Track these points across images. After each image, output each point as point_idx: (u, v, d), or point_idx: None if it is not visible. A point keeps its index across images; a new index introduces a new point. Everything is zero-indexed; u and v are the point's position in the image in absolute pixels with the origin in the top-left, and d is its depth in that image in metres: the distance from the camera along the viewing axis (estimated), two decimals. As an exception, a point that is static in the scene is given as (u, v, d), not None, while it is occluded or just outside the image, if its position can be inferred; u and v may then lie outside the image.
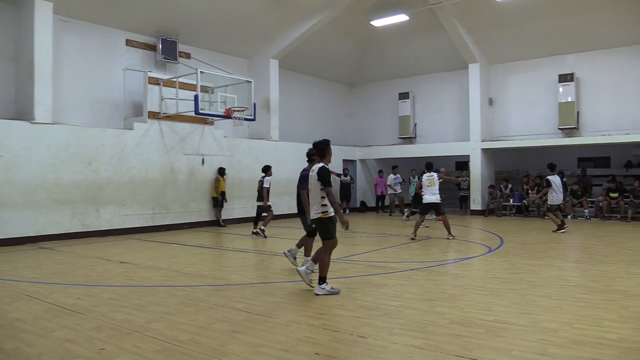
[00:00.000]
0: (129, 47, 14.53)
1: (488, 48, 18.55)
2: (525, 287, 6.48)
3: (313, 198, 6.17)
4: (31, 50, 11.72)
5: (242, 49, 17.59)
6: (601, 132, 16.56)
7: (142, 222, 13.65)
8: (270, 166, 13.00)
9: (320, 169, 6.06)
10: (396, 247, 10.49)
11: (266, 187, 12.47)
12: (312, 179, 6.13)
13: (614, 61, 16.68)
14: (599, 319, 4.97)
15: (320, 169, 6.06)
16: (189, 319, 5.12)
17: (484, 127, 18.77)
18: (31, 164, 11.52)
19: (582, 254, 9.69)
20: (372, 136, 22.21)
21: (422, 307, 5.55)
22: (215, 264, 9.23)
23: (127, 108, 14.34)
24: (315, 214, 6.14)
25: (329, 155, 6.23)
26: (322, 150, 6.22)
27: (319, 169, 6.07)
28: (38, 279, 7.38)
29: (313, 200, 6.17)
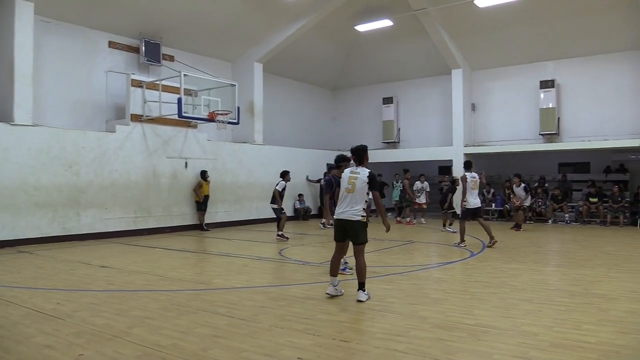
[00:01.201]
0: (112, 49, 14.39)
1: (471, 54, 18.74)
2: (506, 291, 6.54)
3: (353, 201, 6.06)
4: (11, 51, 11.54)
5: (226, 52, 17.55)
6: (581, 138, 16.81)
7: (124, 226, 13.50)
8: (287, 171, 12.86)
9: (372, 174, 6.10)
10: (379, 251, 10.51)
11: (276, 189, 12.33)
12: (358, 182, 6.04)
13: (594, 68, 16.96)
14: (578, 322, 5.04)
15: (372, 174, 6.10)
16: (171, 324, 5.08)
17: (467, 132, 18.94)
18: (10, 167, 11.33)
19: (563, 258, 9.81)
20: (356, 140, 21.76)
21: (405, 311, 5.57)
22: (198, 268, 9.17)
23: (109, 110, 14.19)
24: (350, 217, 6.05)
25: (367, 160, 6.28)
26: (360, 156, 6.23)
27: (370, 173, 6.09)
28: (16, 284, 7.25)
29: (351, 203, 6.06)
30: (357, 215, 6.02)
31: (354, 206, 6.04)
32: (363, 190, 6.02)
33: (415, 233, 14.08)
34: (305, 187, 19.53)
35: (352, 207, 6.04)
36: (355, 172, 6.13)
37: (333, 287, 6.16)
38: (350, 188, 6.05)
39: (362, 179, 6.03)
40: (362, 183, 6.01)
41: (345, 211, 6.07)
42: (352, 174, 6.13)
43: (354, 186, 6.03)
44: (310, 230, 14.08)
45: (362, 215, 6.03)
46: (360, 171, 6.11)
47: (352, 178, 6.08)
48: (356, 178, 6.05)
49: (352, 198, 6.04)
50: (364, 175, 6.04)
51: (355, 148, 6.29)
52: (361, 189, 6.02)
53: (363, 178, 6.03)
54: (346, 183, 6.12)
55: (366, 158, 6.26)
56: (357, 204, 6.03)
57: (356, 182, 6.03)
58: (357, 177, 6.05)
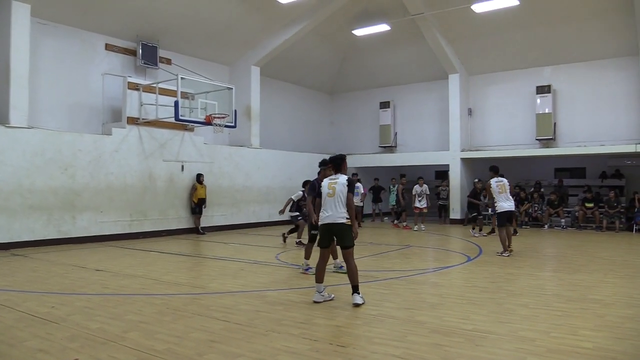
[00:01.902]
0: (109, 52, 14.37)
1: (468, 59, 18.78)
2: (503, 296, 6.53)
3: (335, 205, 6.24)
4: (7, 53, 11.50)
5: (224, 55, 17.54)
6: (577, 143, 16.85)
7: (119, 229, 13.44)
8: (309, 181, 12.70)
9: (349, 179, 6.38)
10: (376, 255, 10.49)
11: (291, 198, 11.94)
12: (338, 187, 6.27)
13: (591, 73, 17.02)
14: (575, 327, 5.03)
15: (349, 179, 6.38)
16: (166, 328, 5.04)
17: (464, 137, 18.96)
18: (5, 169, 11.27)
19: (559, 263, 9.81)
20: (353, 145, 22.25)
21: (402, 316, 5.55)
22: (194, 272, 9.13)
23: (105, 113, 14.15)
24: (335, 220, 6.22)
25: (345, 168, 6.55)
26: (338, 164, 6.52)
27: (348, 178, 6.38)
28: (10, 287, 7.20)
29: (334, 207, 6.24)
30: (342, 217, 6.20)
31: (337, 209, 6.22)
32: (343, 194, 6.23)
33: (412, 237, 14.07)
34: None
35: (335, 211, 6.22)
36: (334, 179, 6.41)
37: (319, 294, 6.20)
38: (331, 192, 6.27)
39: (342, 182, 6.28)
40: (342, 187, 6.24)
41: (329, 215, 6.25)
42: (331, 181, 6.40)
43: (334, 190, 6.25)
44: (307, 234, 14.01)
45: (346, 217, 6.20)
46: (338, 177, 6.39)
47: (332, 184, 6.34)
48: (335, 183, 6.30)
49: (334, 202, 6.24)
50: (343, 180, 6.32)
51: (334, 157, 6.63)
52: (341, 193, 6.23)
53: (342, 182, 6.29)
54: (327, 189, 6.36)
55: (344, 167, 6.54)
56: (340, 207, 6.22)
57: (336, 187, 6.26)
58: (337, 182, 6.31)
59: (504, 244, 10.27)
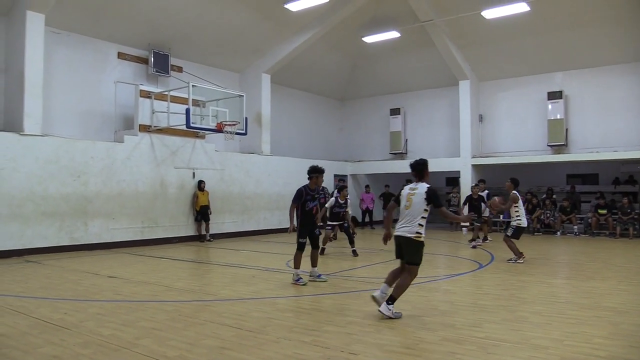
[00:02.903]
0: (121, 60, 14.51)
1: (478, 65, 18.74)
2: (515, 304, 6.48)
3: (409, 218, 5.87)
4: (22, 62, 11.66)
5: (234, 63, 17.65)
6: (589, 149, 16.72)
7: (131, 236, 13.53)
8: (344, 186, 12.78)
9: (430, 189, 5.88)
10: (386, 262, 10.45)
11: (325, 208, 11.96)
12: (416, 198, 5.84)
13: (602, 79, 16.91)
14: (589, 335, 4.97)
15: (430, 189, 5.88)
16: (178, 335, 5.06)
17: (474, 143, 18.89)
18: (19, 176, 11.40)
19: (572, 270, 9.72)
20: (363, 151, 22.26)
21: (414, 323, 5.52)
22: (205, 279, 9.15)
23: (118, 121, 14.28)
24: (405, 233, 5.88)
25: (427, 175, 6.06)
26: (420, 171, 6.04)
27: (429, 188, 5.88)
28: (24, 294, 7.27)
29: (407, 220, 5.87)
30: (412, 233, 5.81)
31: (409, 223, 5.85)
32: (421, 206, 5.80)
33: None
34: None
35: (407, 224, 5.86)
36: (413, 188, 5.96)
37: (380, 292, 5.92)
38: (408, 204, 5.87)
39: (420, 194, 5.84)
40: (420, 198, 5.81)
41: (401, 227, 5.91)
42: (410, 191, 5.95)
43: (412, 202, 5.85)
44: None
45: (416, 233, 5.80)
46: (418, 187, 5.92)
47: (411, 194, 5.91)
48: (414, 194, 5.88)
49: (409, 215, 5.86)
50: (422, 190, 5.86)
51: (415, 163, 6.10)
52: (418, 205, 5.81)
53: (421, 193, 5.83)
54: (405, 200, 5.94)
55: (426, 173, 6.04)
56: (412, 221, 5.83)
57: (414, 198, 5.85)
58: (415, 193, 5.88)
59: (516, 251, 10.27)
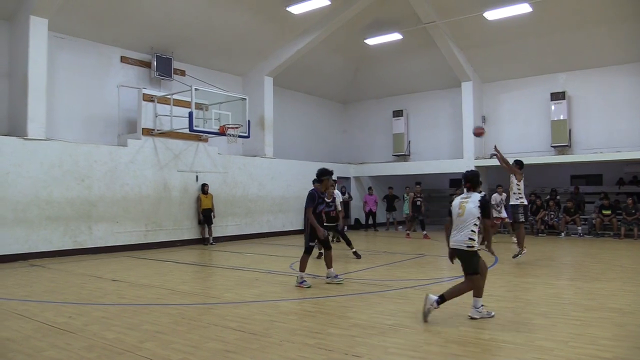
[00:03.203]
0: (124, 64, 14.57)
1: (481, 66, 18.74)
2: (520, 305, 6.46)
3: (461, 228, 5.81)
4: (25, 66, 11.72)
5: (237, 66, 17.68)
6: (593, 150, 16.68)
7: (134, 240, 13.55)
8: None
9: (484, 198, 5.86)
10: (390, 264, 10.45)
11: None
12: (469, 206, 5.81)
13: (605, 79, 16.89)
14: (594, 337, 4.95)
15: (484, 198, 5.86)
16: (182, 338, 5.06)
17: (478, 144, 18.86)
18: (23, 181, 11.44)
19: (576, 272, 9.68)
20: (366, 153, 22.27)
21: (418, 325, 5.51)
22: (209, 282, 9.15)
23: (121, 125, 14.32)
24: (457, 245, 5.83)
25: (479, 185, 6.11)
26: (475, 182, 6.07)
27: (482, 197, 5.87)
28: (28, 297, 7.28)
29: (460, 230, 5.81)
30: (464, 244, 5.76)
31: (461, 234, 5.80)
32: (473, 214, 5.76)
33: (427, 246, 13.98)
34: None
35: (459, 234, 5.81)
36: (466, 197, 5.96)
37: (475, 309, 5.83)
38: (461, 212, 5.85)
39: (474, 201, 5.83)
40: (473, 206, 5.79)
41: (454, 238, 5.88)
42: (462, 200, 5.95)
43: (464, 210, 5.82)
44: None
45: (468, 244, 5.74)
46: (471, 196, 5.93)
47: (463, 202, 5.90)
48: (467, 202, 5.87)
49: (461, 224, 5.82)
50: (475, 198, 5.85)
51: (470, 173, 6.15)
52: (471, 213, 5.77)
53: (474, 201, 5.83)
54: (457, 208, 5.92)
55: (471, 187, 6.06)
56: (464, 230, 5.78)
57: (467, 206, 5.83)
58: (468, 201, 5.86)
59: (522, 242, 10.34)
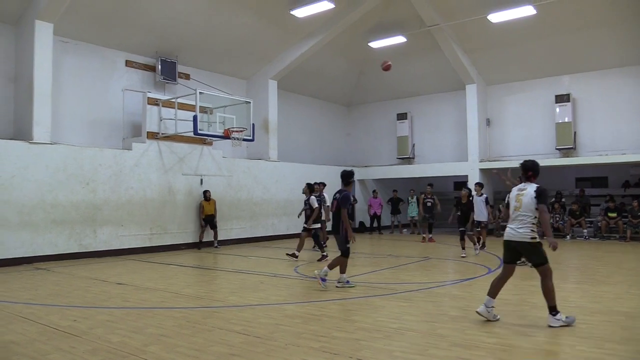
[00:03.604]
0: (129, 68, 14.61)
1: (485, 69, 18.71)
2: (526, 309, 6.43)
3: (520, 220, 5.72)
4: (31, 71, 11.76)
5: (241, 69, 17.71)
6: (598, 152, 16.61)
7: (139, 243, 13.57)
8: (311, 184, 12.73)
9: (540, 188, 5.72)
10: (395, 267, 10.42)
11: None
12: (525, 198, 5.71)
13: (610, 82, 16.82)
14: (601, 340, 4.92)
15: (540, 188, 5.72)
16: (186, 342, 5.06)
17: (482, 147, 18.83)
18: (29, 185, 11.48)
19: (582, 275, 9.63)
20: (370, 156, 22.25)
21: (423, 329, 5.49)
22: (213, 285, 9.15)
23: (126, 128, 14.36)
24: (518, 238, 5.71)
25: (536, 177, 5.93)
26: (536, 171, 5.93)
27: (539, 187, 5.74)
28: (33, 301, 7.30)
29: (519, 222, 5.72)
30: (526, 236, 5.65)
31: (521, 226, 5.69)
32: (531, 206, 5.66)
33: (432, 249, 13.94)
34: (319, 203, 19.46)
35: (519, 227, 5.71)
36: (522, 189, 5.86)
37: (485, 307, 5.77)
38: (518, 205, 5.77)
39: (530, 193, 5.71)
40: (530, 198, 5.68)
41: (512, 231, 5.77)
42: (519, 192, 5.86)
43: (521, 203, 5.74)
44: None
45: (531, 235, 5.63)
46: (528, 187, 5.82)
47: (520, 195, 5.81)
48: (523, 194, 5.77)
49: (520, 216, 5.73)
50: (531, 190, 5.74)
51: (531, 163, 5.97)
52: (529, 205, 5.67)
53: (531, 193, 5.71)
54: (514, 201, 5.85)
55: (532, 176, 5.91)
56: (524, 223, 5.68)
57: (523, 199, 5.74)
58: (524, 193, 5.77)
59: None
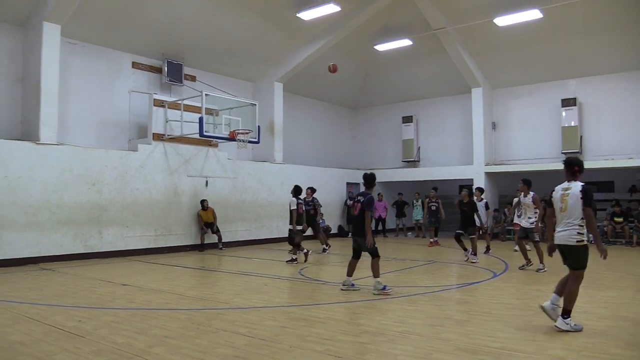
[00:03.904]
0: (135, 70, 14.67)
1: (491, 72, 18.68)
2: (531, 314, 6.39)
3: (566, 222, 5.53)
4: (38, 72, 11.83)
5: (247, 72, 17.75)
6: (605, 157, 16.55)
7: (144, 244, 13.60)
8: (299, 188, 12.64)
9: (585, 187, 5.51)
10: (399, 271, 10.40)
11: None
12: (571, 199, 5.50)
13: (616, 86, 16.77)
14: (606, 346, 4.90)
15: (585, 187, 5.51)
16: (191, 344, 5.06)
17: (488, 150, 18.79)
18: (35, 185, 11.53)
19: (588, 280, 9.50)
20: (375, 159, 22.22)
21: (427, 333, 5.48)
22: (218, 287, 9.15)
23: (132, 129, 14.42)
24: (565, 241, 5.55)
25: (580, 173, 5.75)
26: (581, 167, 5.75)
27: (584, 186, 5.53)
28: (39, 301, 7.32)
29: (565, 225, 5.53)
30: (572, 239, 5.48)
31: (568, 228, 5.51)
32: (577, 207, 5.44)
33: (437, 253, 13.91)
34: (325, 206, 19.46)
35: (565, 229, 5.52)
36: (567, 188, 5.62)
37: (551, 304, 5.63)
38: (563, 207, 5.55)
39: (575, 194, 5.48)
40: (575, 199, 5.46)
41: (560, 233, 5.59)
42: (563, 192, 5.63)
43: (566, 204, 5.51)
44: (329, 249, 14.00)
45: (577, 238, 5.47)
46: (572, 186, 5.59)
47: (564, 195, 5.58)
48: (568, 194, 5.54)
49: (566, 218, 5.52)
50: (576, 190, 5.51)
51: (576, 159, 5.79)
52: (575, 206, 5.46)
53: (576, 193, 5.48)
54: (559, 202, 5.62)
55: (578, 171, 5.72)
56: (571, 225, 5.49)
57: (568, 199, 5.51)
58: (569, 193, 5.53)
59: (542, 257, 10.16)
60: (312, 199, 14.11)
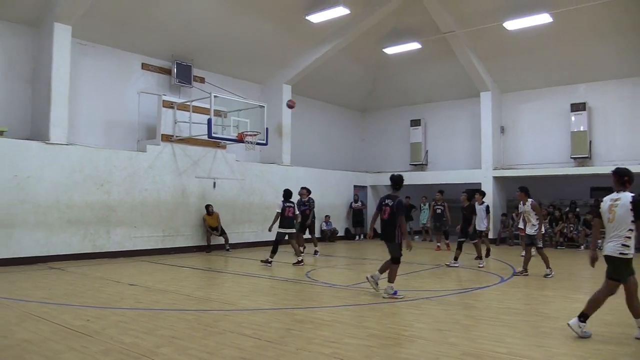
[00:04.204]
0: (145, 71, 14.76)
1: (500, 76, 18.63)
2: (538, 319, 6.37)
3: (612, 233, 5.39)
4: (49, 72, 11.93)
5: (256, 74, 17.80)
6: (614, 162, 16.35)
7: (152, 245, 13.66)
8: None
9: (636, 198, 5.31)
10: (407, 274, 10.38)
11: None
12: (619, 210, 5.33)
13: (626, 91, 16.68)
14: (615, 353, 4.87)
15: (636, 198, 5.31)
16: (198, 344, 5.08)
17: (496, 155, 18.73)
18: (45, 185, 11.62)
19: (596, 285, 9.41)
20: (383, 162, 22.21)
21: (434, 337, 5.46)
22: (225, 288, 9.17)
23: (141, 130, 14.50)
24: (609, 253, 5.41)
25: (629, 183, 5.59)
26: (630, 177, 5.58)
27: (634, 197, 5.33)
28: (47, 300, 7.37)
29: (611, 236, 5.40)
30: (616, 251, 5.33)
31: (613, 239, 5.37)
32: (626, 219, 5.28)
33: (444, 257, 13.86)
34: (332, 209, 19.48)
35: (611, 241, 5.39)
36: (616, 198, 5.46)
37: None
38: (611, 217, 5.38)
39: (625, 204, 5.31)
40: (624, 210, 5.30)
41: (608, 244, 5.46)
42: (612, 202, 5.46)
43: (614, 215, 5.35)
44: (336, 252, 14.00)
45: (621, 252, 5.31)
46: (621, 197, 5.41)
47: (613, 206, 5.41)
48: (617, 205, 5.37)
49: (613, 229, 5.37)
50: (626, 201, 5.33)
51: (625, 169, 5.62)
52: (623, 218, 5.29)
53: (625, 204, 5.31)
54: (607, 213, 5.46)
55: (628, 181, 5.55)
56: (617, 237, 5.33)
57: (617, 210, 5.35)
58: (618, 204, 5.36)
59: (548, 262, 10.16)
60: (308, 199, 14.13)
